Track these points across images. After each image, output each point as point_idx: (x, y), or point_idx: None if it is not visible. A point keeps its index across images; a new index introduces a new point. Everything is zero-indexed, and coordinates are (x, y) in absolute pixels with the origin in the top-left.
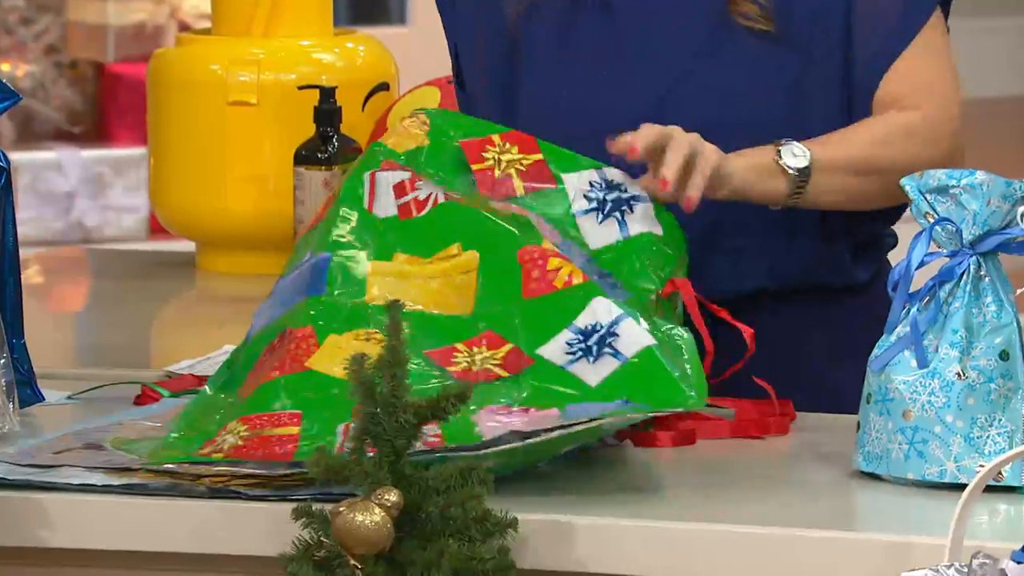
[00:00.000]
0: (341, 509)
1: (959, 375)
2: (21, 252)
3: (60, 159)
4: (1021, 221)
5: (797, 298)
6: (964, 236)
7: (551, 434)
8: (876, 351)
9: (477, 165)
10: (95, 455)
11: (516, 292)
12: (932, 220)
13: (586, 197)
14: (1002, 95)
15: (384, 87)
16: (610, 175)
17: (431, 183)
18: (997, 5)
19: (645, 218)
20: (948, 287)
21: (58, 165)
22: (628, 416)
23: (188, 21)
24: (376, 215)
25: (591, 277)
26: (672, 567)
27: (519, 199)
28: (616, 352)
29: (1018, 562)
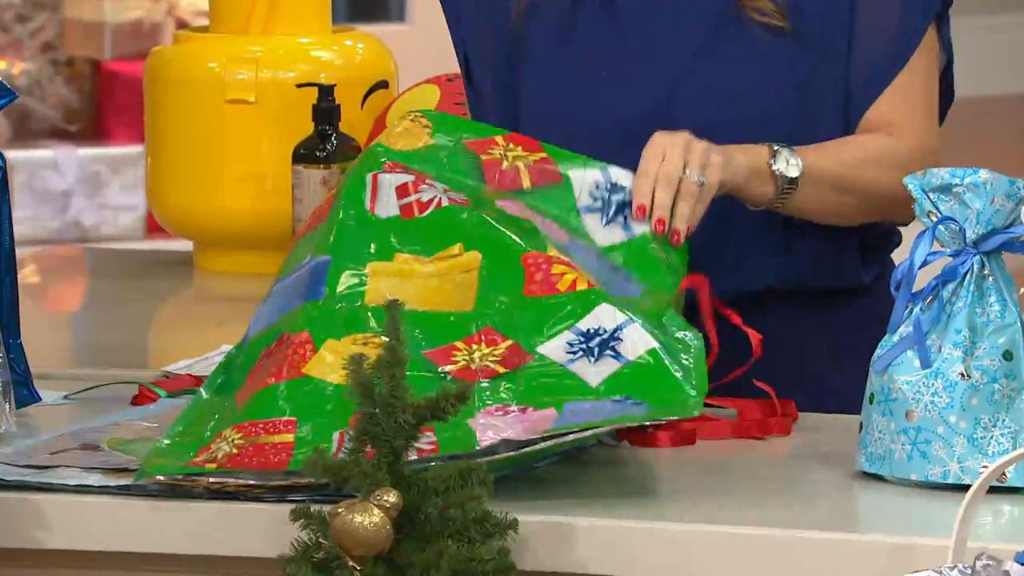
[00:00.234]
0: (340, 510)
1: (962, 375)
2: (17, 251)
3: (56, 157)
4: None
5: (800, 298)
6: (967, 235)
7: (544, 443)
8: (879, 351)
9: (485, 155)
10: (92, 456)
11: (518, 290)
12: (935, 219)
13: (591, 195)
14: (1003, 93)
15: (383, 85)
16: (614, 175)
17: (435, 186)
18: (997, 3)
19: (645, 222)
20: (951, 287)
21: (55, 163)
22: (622, 423)
23: (186, 18)
24: (378, 215)
25: (601, 275)
26: (673, 568)
27: (526, 194)
28: (618, 355)
29: (1022, 563)
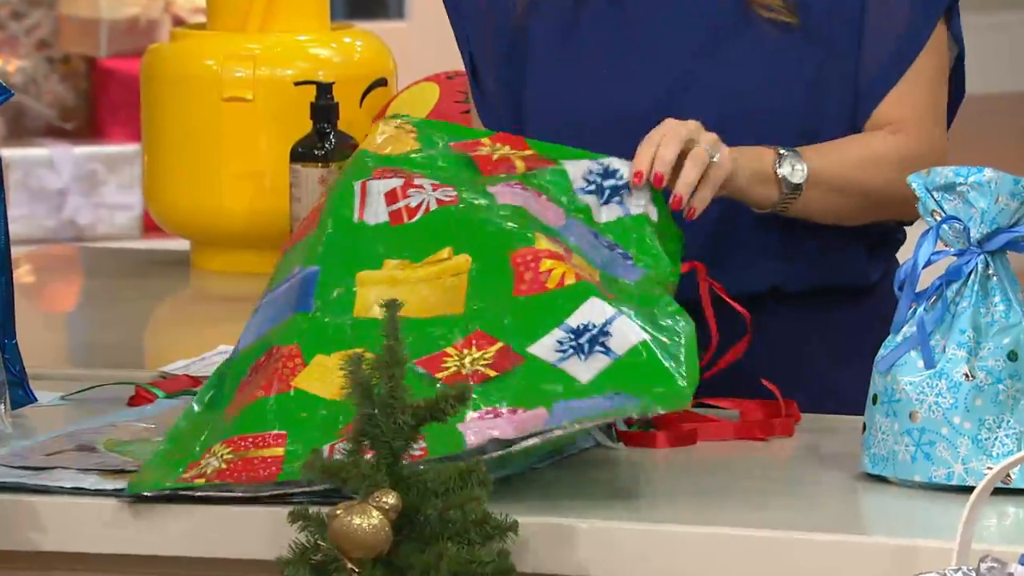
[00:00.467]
0: (338, 512)
1: (967, 376)
2: (12, 250)
3: (52, 156)
4: None
5: (803, 299)
6: (972, 234)
7: (532, 440)
8: (882, 351)
9: (474, 153)
10: (88, 457)
11: (507, 291)
12: (939, 218)
13: (585, 179)
14: (1007, 91)
15: (382, 83)
16: (608, 163)
17: (424, 188)
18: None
19: (642, 203)
20: (955, 286)
21: (50, 162)
22: (614, 416)
23: (182, 15)
24: (366, 223)
25: (599, 253)
26: (674, 570)
27: (521, 175)
28: (608, 350)
29: None
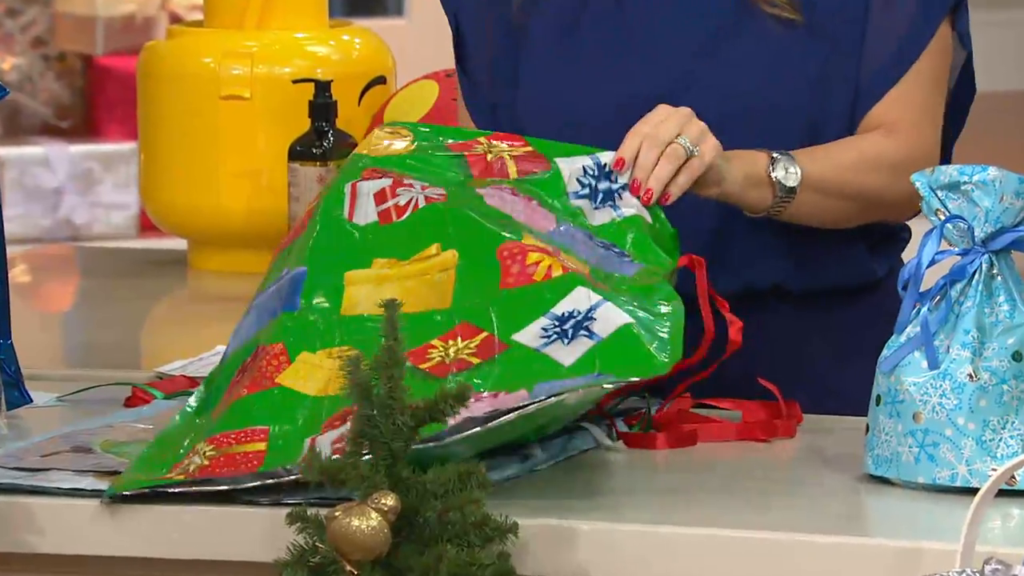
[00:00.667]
0: (337, 514)
1: (971, 376)
2: (8, 250)
3: (48, 154)
4: None
5: (805, 297)
6: (976, 234)
7: (510, 416)
8: (886, 352)
9: (469, 152)
10: (84, 458)
11: (494, 284)
12: (943, 217)
13: (579, 181)
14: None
15: (381, 81)
16: (603, 159)
17: (413, 187)
18: None
19: (635, 204)
20: (959, 286)
21: (46, 160)
22: (592, 389)
23: (179, 13)
24: (357, 223)
25: (594, 255)
26: (675, 572)
27: (513, 181)
28: (591, 333)
29: None
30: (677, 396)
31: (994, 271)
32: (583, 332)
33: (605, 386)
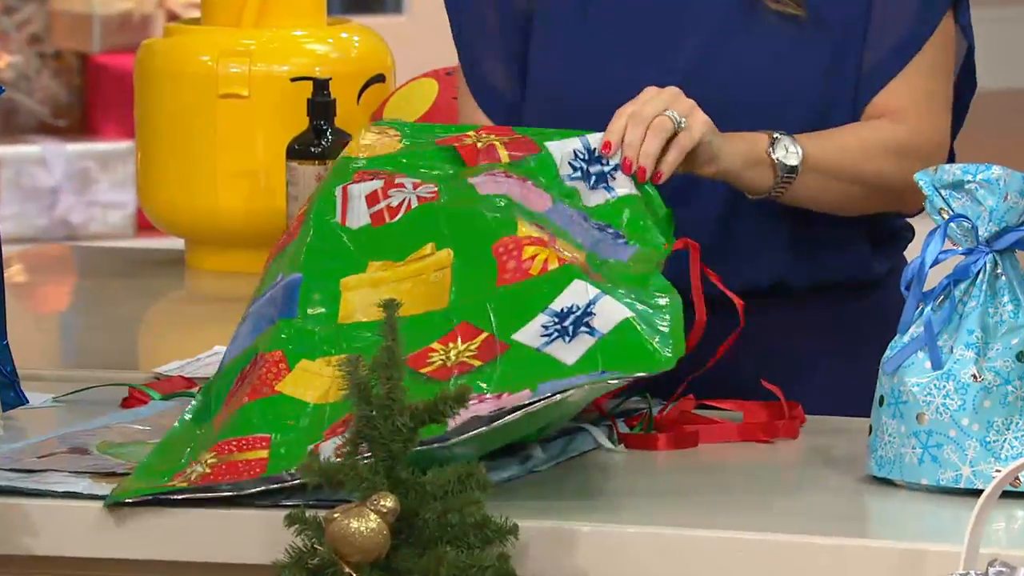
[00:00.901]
0: (335, 515)
1: (975, 377)
2: (4, 250)
3: (44, 153)
4: None
5: (807, 294)
6: (980, 233)
7: (515, 415)
8: (889, 352)
9: (459, 144)
10: (81, 459)
11: (491, 281)
12: (947, 216)
13: (571, 164)
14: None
15: (380, 79)
16: (593, 142)
17: (404, 187)
18: None
19: (628, 184)
20: (963, 286)
21: (42, 159)
22: (597, 386)
23: (177, 10)
24: (349, 227)
25: (590, 236)
26: (676, 575)
27: (505, 165)
28: (592, 330)
29: None
30: (680, 395)
31: (998, 271)
32: (584, 329)
33: (610, 382)
